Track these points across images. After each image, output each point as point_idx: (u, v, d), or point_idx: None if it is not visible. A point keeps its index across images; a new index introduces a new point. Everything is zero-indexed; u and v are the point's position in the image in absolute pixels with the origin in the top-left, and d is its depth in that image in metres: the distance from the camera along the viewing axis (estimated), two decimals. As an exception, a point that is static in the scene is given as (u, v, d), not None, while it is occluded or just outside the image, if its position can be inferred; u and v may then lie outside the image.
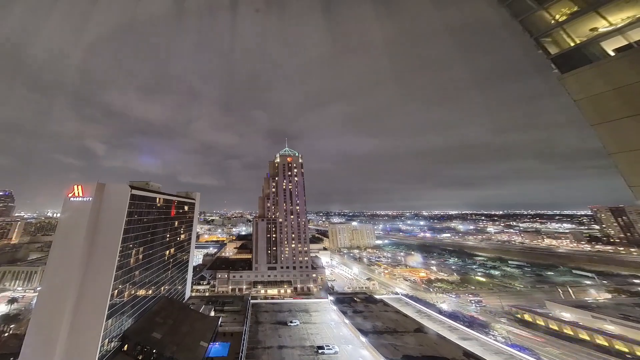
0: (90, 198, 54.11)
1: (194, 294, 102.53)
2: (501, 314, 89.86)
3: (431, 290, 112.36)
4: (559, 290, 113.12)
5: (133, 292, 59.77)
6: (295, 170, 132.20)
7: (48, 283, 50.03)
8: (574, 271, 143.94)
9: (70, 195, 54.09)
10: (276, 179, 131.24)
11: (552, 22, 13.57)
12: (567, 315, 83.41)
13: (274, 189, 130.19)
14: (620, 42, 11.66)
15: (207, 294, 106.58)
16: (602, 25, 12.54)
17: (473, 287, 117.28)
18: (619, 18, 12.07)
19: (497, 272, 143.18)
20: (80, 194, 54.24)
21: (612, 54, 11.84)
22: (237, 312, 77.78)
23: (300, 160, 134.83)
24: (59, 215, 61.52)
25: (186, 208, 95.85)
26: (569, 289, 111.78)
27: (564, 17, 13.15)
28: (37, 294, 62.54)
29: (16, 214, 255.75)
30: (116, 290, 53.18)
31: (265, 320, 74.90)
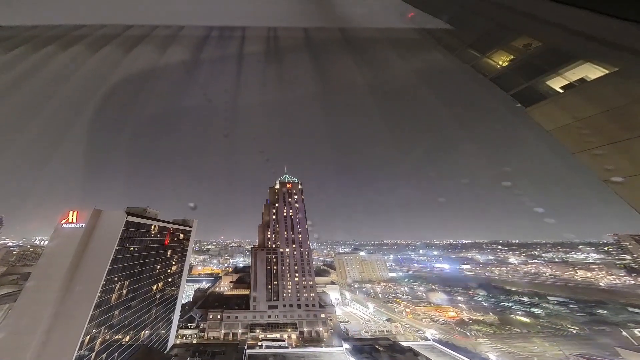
0: (83, 225, 48.78)
1: (178, 341, 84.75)
2: (568, 369, 69.79)
3: (468, 334, 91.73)
4: (624, 332, 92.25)
5: (108, 337, 48.34)
6: (296, 197, 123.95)
7: (11, 326, 40.98)
8: (629, 309, 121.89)
9: (63, 221, 48.97)
10: (276, 205, 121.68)
11: (498, 66, 13.60)
12: (656, 369, 63.61)
13: (274, 216, 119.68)
14: (562, 82, 11.02)
15: (194, 341, 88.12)
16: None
17: (518, 330, 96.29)
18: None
19: (539, 311, 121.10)
20: (74, 220, 49.26)
21: (561, 91, 11.08)
22: (228, 368, 60.27)
23: (300, 187, 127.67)
24: (46, 243, 53.49)
25: (181, 236, 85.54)
26: (638, 332, 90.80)
27: (506, 63, 13.32)
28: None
29: (0, 242, 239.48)
30: (88, 337, 43.22)
31: (264, 380, 57.33)
